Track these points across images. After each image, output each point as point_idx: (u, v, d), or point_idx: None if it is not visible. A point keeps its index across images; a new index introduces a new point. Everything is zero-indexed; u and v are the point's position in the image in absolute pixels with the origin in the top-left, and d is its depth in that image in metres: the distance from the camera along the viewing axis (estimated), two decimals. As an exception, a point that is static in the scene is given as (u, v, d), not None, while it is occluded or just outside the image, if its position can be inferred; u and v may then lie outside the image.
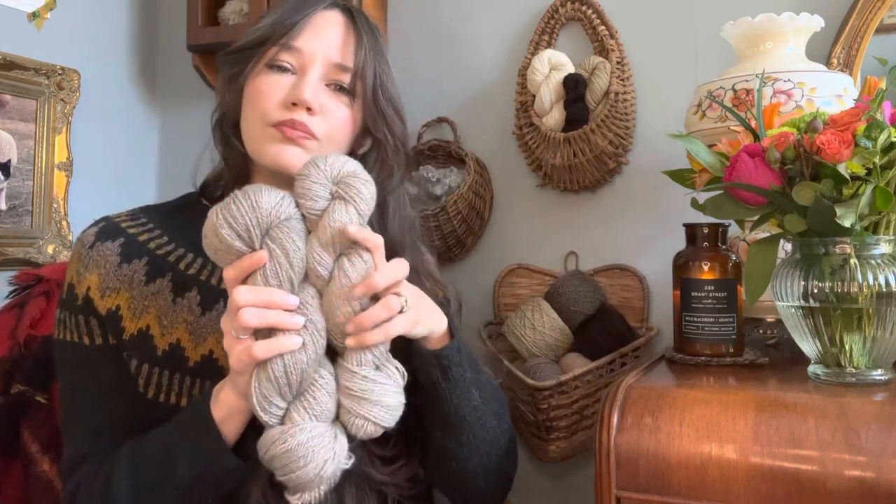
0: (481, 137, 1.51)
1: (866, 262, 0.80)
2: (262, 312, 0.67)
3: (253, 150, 0.84)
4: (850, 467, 0.69)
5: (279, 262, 0.70)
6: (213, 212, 0.71)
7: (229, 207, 0.70)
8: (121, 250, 0.84)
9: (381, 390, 0.70)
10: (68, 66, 1.54)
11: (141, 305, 0.82)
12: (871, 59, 1.20)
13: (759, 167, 0.81)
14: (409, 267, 0.76)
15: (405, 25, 1.58)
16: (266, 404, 0.68)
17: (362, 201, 0.73)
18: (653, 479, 0.76)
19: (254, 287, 0.69)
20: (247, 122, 0.84)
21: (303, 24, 0.83)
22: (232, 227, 0.69)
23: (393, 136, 0.88)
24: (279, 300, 0.68)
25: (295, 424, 0.69)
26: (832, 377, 0.83)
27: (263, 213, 0.70)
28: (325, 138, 0.83)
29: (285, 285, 0.70)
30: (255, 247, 0.70)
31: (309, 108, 0.80)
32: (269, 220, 0.70)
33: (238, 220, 0.69)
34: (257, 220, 0.69)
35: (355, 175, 0.74)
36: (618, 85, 1.34)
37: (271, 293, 0.68)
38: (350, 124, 0.85)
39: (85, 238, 0.86)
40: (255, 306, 0.67)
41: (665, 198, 1.34)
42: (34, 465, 1.05)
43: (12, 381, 1.07)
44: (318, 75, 0.82)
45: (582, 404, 1.27)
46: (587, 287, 1.35)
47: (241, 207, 0.69)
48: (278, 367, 0.68)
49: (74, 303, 0.83)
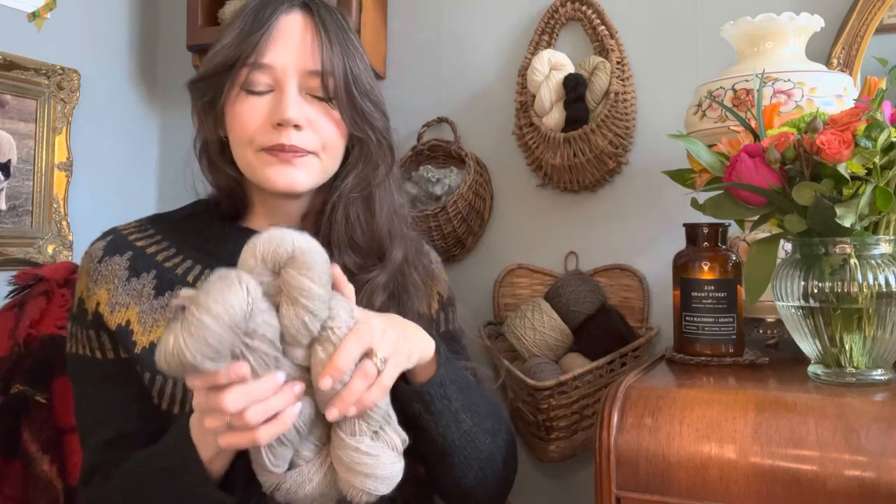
0: (481, 137, 1.51)
1: (866, 262, 0.80)
2: (265, 407, 0.64)
3: (249, 175, 0.83)
4: (850, 467, 0.69)
5: (263, 354, 0.64)
6: (172, 336, 0.59)
7: (190, 332, 0.59)
8: (129, 264, 0.83)
9: (374, 463, 0.67)
10: (68, 66, 1.54)
11: (151, 319, 0.82)
12: (871, 59, 1.20)
13: (759, 167, 0.81)
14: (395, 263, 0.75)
15: (405, 26, 1.58)
16: (277, 461, 0.67)
17: (307, 299, 0.65)
18: (653, 479, 0.76)
19: (242, 388, 0.63)
20: (237, 148, 0.83)
21: (267, 38, 0.80)
22: (205, 355, 0.59)
23: (374, 130, 0.86)
24: (273, 388, 0.64)
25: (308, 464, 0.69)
26: (832, 377, 0.83)
27: (236, 324, 0.61)
28: (320, 151, 0.82)
29: (271, 367, 0.65)
30: (237, 353, 0.63)
31: (296, 125, 0.79)
32: (244, 329, 0.62)
33: (210, 344, 0.59)
34: (231, 338, 0.61)
35: (293, 263, 0.66)
36: (618, 85, 1.34)
37: (265, 387, 0.64)
38: (339, 128, 0.84)
39: (93, 252, 0.85)
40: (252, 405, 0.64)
41: (665, 198, 1.34)
42: (34, 465, 1.05)
43: (12, 381, 1.07)
44: (295, 88, 0.80)
45: (582, 404, 1.27)
46: (587, 287, 1.35)
47: (209, 330, 0.59)
48: (289, 434, 0.67)
49: (85, 318, 0.83)
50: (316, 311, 0.66)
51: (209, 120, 0.85)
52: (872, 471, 0.68)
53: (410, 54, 1.56)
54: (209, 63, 0.83)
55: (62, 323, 1.12)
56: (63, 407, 1.09)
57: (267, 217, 0.88)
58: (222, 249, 0.85)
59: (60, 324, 1.12)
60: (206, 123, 0.85)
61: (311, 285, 0.65)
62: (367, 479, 0.67)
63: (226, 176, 0.86)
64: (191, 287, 0.81)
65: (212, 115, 0.84)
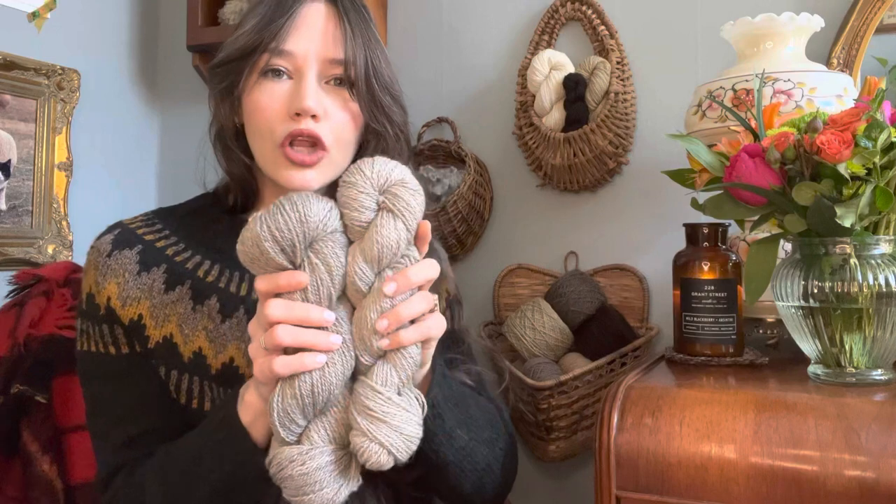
0: (481, 137, 1.51)
1: (866, 262, 0.80)
2: (296, 331, 0.64)
3: (265, 169, 0.82)
4: (850, 467, 0.69)
5: (321, 277, 0.66)
6: (256, 221, 0.66)
7: (276, 218, 0.65)
8: (139, 258, 0.82)
9: (403, 417, 0.65)
10: (68, 66, 1.54)
11: (162, 314, 0.81)
12: (871, 59, 1.20)
13: (759, 167, 0.81)
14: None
15: (405, 25, 1.58)
16: (287, 420, 0.65)
17: (411, 215, 0.68)
18: (653, 479, 0.76)
19: (288, 302, 0.65)
20: (255, 139, 0.82)
21: (290, 25, 0.80)
22: (276, 241, 0.65)
23: (392, 124, 0.85)
24: (315, 317, 0.65)
25: (314, 447, 0.65)
26: (832, 377, 0.83)
27: (311, 226, 0.65)
28: (334, 145, 0.81)
29: (324, 302, 0.66)
30: (297, 262, 0.66)
31: (314, 115, 0.79)
32: (314, 234, 0.66)
33: (283, 234, 0.65)
34: (304, 234, 0.65)
35: (403, 184, 0.69)
36: (618, 85, 1.34)
37: (307, 310, 0.65)
38: (354, 121, 0.83)
39: (101, 246, 0.83)
40: (289, 323, 0.64)
41: (665, 198, 1.34)
42: (34, 464, 1.05)
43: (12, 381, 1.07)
44: (314, 76, 0.80)
45: (582, 404, 1.27)
46: (587, 287, 1.35)
47: (288, 220, 0.65)
48: (305, 385, 0.64)
49: (97, 312, 0.81)
50: (411, 228, 0.68)
51: (225, 106, 0.84)
52: (872, 471, 0.68)
53: (410, 54, 1.56)
54: (229, 48, 0.82)
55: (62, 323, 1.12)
56: (63, 407, 1.09)
57: None
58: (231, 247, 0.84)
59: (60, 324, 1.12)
60: (222, 109, 0.84)
61: (416, 204, 0.68)
62: (393, 433, 0.64)
63: (239, 163, 0.85)
64: (201, 281, 0.82)
65: (228, 101, 0.83)
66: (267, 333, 0.65)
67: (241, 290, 0.82)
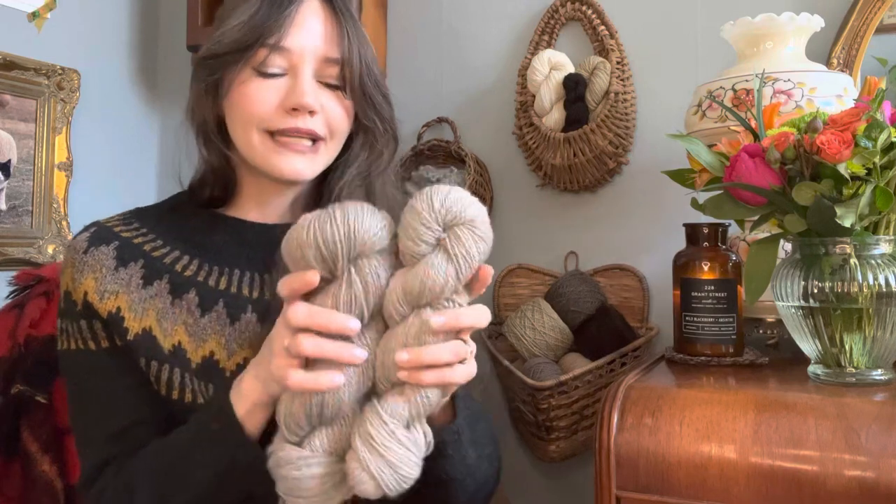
0: (481, 137, 1.51)
1: (866, 262, 0.80)
2: (320, 343, 0.63)
3: (251, 157, 0.82)
4: (850, 467, 0.69)
5: (355, 295, 0.64)
6: (305, 225, 0.64)
7: (324, 227, 0.63)
8: (116, 254, 0.82)
9: (403, 455, 0.62)
10: (68, 66, 1.54)
11: (141, 308, 0.80)
12: (871, 59, 1.20)
13: (759, 167, 0.81)
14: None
15: (405, 25, 1.58)
16: (292, 424, 0.65)
17: (466, 262, 0.65)
18: (653, 479, 0.76)
19: (312, 307, 0.64)
20: (240, 129, 0.81)
21: (290, 21, 0.80)
22: (319, 250, 0.63)
23: (382, 120, 0.86)
24: (337, 325, 0.63)
25: (313, 454, 0.64)
26: (832, 377, 0.83)
27: (358, 242, 0.63)
28: (328, 138, 0.82)
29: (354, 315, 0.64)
30: (337, 273, 0.64)
31: (311, 111, 0.79)
32: (360, 250, 0.64)
33: (328, 245, 0.63)
34: (349, 249, 0.63)
35: (471, 226, 0.65)
36: (618, 85, 1.34)
37: (331, 317, 0.63)
38: (347, 116, 0.84)
39: (77, 244, 0.83)
40: (311, 328, 0.63)
41: (665, 198, 1.34)
42: (34, 465, 1.05)
43: (12, 381, 1.06)
44: (311, 73, 0.80)
45: (582, 404, 1.27)
46: (587, 287, 1.35)
47: (336, 232, 0.63)
48: (316, 400, 0.63)
49: (74, 309, 0.81)
50: (463, 276, 0.65)
51: (209, 98, 0.83)
52: (872, 471, 0.68)
53: (410, 54, 1.56)
54: (220, 41, 0.81)
55: (62, 323, 1.11)
56: (63, 407, 1.08)
57: (257, 204, 0.87)
58: (209, 241, 0.84)
59: (60, 324, 1.12)
60: (205, 101, 0.84)
61: (476, 252, 0.65)
62: (387, 470, 0.62)
63: (220, 155, 0.85)
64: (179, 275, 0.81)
65: (213, 93, 0.83)
66: (291, 339, 0.64)
67: (219, 284, 0.82)
